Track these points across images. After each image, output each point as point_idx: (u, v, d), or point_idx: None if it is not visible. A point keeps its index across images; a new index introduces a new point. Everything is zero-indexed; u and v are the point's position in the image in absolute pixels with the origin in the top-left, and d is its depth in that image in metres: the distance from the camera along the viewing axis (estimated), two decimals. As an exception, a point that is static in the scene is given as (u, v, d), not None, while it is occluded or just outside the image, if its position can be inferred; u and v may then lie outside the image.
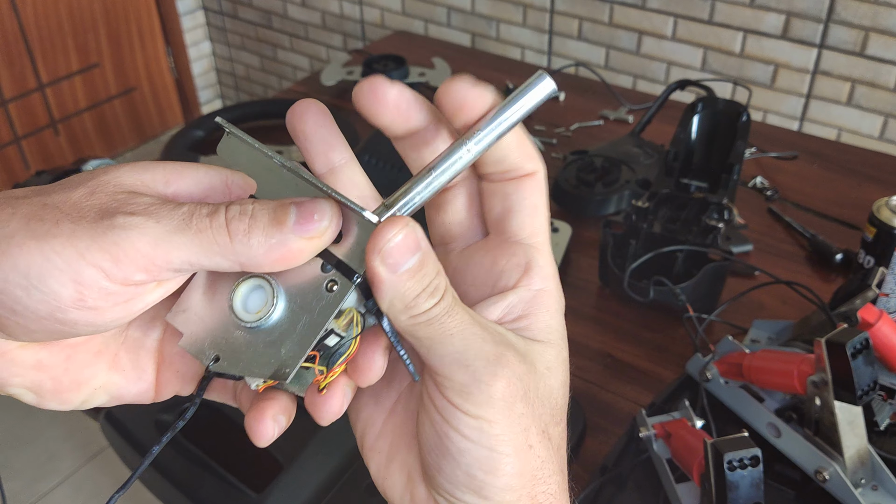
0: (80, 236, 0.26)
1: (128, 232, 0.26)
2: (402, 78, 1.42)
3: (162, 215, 0.27)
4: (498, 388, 0.28)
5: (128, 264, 0.26)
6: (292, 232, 0.27)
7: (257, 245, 0.27)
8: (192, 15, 2.70)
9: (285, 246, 0.27)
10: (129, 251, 0.26)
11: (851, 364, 0.59)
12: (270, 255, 0.27)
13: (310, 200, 0.27)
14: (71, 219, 0.27)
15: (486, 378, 0.28)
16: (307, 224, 0.27)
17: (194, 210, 0.27)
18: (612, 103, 1.38)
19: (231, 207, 0.27)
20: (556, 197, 1.10)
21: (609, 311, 0.92)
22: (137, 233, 0.26)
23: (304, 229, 0.27)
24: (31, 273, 0.26)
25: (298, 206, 0.27)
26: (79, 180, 0.28)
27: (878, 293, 0.73)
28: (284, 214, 0.27)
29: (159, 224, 0.26)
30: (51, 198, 0.27)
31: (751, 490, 0.57)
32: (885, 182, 1.15)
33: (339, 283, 0.27)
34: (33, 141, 2.46)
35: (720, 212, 0.90)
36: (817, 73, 1.59)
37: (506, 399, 0.28)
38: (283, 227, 0.27)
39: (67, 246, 0.26)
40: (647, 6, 1.73)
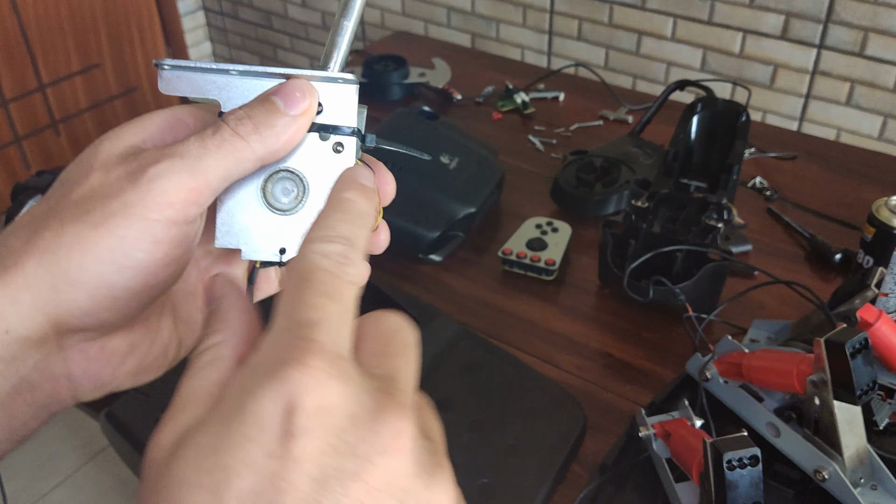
0: (132, 203, 0.28)
1: (167, 177, 0.28)
2: (402, 78, 1.42)
3: (180, 152, 0.29)
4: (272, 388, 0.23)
5: (181, 204, 0.28)
6: (287, 114, 0.30)
7: (268, 135, 0.30)
8: (193, 15, 2.70)
9: (290, 126, 0.30)
10: (178, 192, 0.28)
11: (851, 364, 0.59)
12: (281, 138, 0.30)
13: (282, 85, 0.31)
14: (112, 196, 0.28)
15: (285, 361, 0.23)
16: (295, 102, 0.30)
17: (201, 135, 0.29)
18: (611, 103, 1.39)
19: (228, 119, 0.30)
20: (555, 197, 1.10)
21: (609, 311, 0.93)
22: (174, 174, 0.28)
23: (296, 107, 0.30)
24: (115, 255, 0.28)
25: (278, 93, 0.30)
26: (82, 168, 0.30)
27: (877, 293, 0.73)
28: (272, 104, 0.30)
29: (184, 159, 0.29)
30: (76, 194, 0.29)
31: (750, 489, 0.57)
32: (884, 182, 1.15)
33: (343, 141, 0.32)
34: (34, 141, 2.46)
35: (720, 212, 0.91)
36: (817, 73, 1.59)
37: (265, 417, 0.22)
38: (278, 113, 0.30)
39: (128, 216, 0.28)
40: (646, 6, 1.73)
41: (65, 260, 0.28)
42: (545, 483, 0.71)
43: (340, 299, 0.25)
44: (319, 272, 0.26)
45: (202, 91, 0.31)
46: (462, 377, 0.80)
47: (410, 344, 0.27)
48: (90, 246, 0.28)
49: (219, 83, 0.31)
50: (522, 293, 0.95)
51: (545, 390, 0.79)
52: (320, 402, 0.22)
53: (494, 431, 0.75)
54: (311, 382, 0.22)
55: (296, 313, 0.24)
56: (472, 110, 1.38)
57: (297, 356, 0.23)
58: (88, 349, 0.30)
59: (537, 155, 1.25)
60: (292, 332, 0.24)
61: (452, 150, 1.06)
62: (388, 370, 0.25)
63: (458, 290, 0.96)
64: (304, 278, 0.26)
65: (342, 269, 0.26)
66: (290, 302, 0.25)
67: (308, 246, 0.27)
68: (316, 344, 0.23)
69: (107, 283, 0.28)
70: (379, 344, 0.27)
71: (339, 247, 0.27)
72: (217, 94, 0.31)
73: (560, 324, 0.91)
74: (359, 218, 0.29)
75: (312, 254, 0.26)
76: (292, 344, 0.23)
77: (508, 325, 0.91)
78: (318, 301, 0.25)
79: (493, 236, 1.06)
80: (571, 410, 0.77)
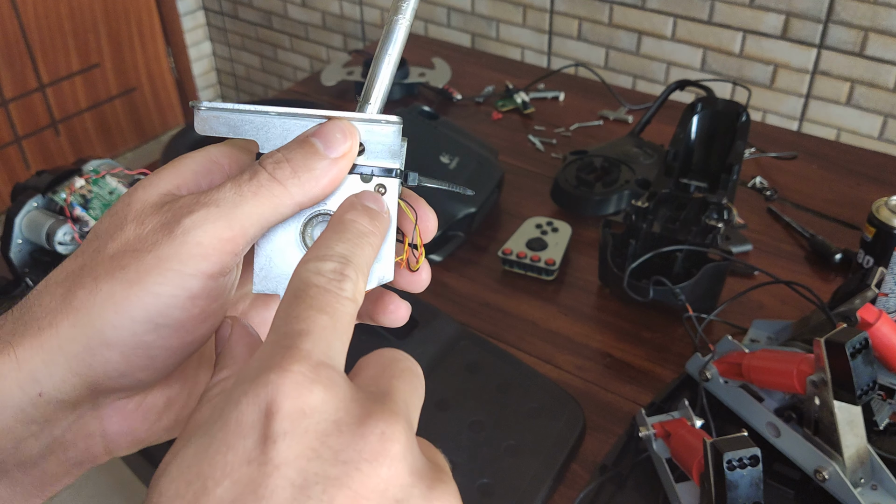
0: (167, 257, 0.27)
1: (202, 228, 0.27)
2: (402, 78, 1.42)
3: (216, 200, 0.28)
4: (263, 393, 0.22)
5: (218, 255, 0.28)
6: (327, 157, 0.29)
7: (307, 180, 0.29)
8: (193, 15, 2.70)
9: (329, 170, 0.29)
10: (213, 243, 0.27)
11: (851, 364, 0.59)
12: (321, 182, 0.29)
13: (322, 126, 0.30)
14: (146, 250, 0.27)
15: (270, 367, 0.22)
16: (336, 144, 0.29)
17: (238, 181, 0.28)
18: (611, 103, 1.39)
19: (266, 163, 0.29)
20: (555, 197, 1.10)
21: (609, 311, 0.93)
22: (210, 224, 0.27)
23: (336, 149, 0.29)
24: (151, 314, 0.27)
25: (317, 135, 0.29)
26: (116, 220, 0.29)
27: (877, 293, 0.73)
28: (312, 146, 0.29)
29: (220, 207, 0.28)
30: (109, 248, 0.28)
31: (750, 489, 0.57)
32: (884, 182, 1.15)
33: (386, 183, 0.31)
34: (34, 141, 2.46)
35: (720, 212, 0.91)
36: (817, 73, 1.59)
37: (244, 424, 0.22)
38: (318, 156, 0.29)
39: (164, 272, 0.27)
40: (646, 6, 1.73)
41: (99, 320, 0.27)
42: (545, 483, 0.71)
43: (332, 313, 0.24)
44: (311, 288, 0.25)
45: (239, 131, 0.30)
46: (462, 377, 0.80)
47: (413, 373, 0.26)
48: (125, 305, 0.27)
49: (256, 123, 0.30)
50: (522, 293, 0.95)
51: (545, 390, 0.79)
52: (301, 405, 0.21)
53: (494, 431, 0.75)
54: (291, 386, 0.21)
55: (284, 326, 0.24)
56: (472, 110, 1.38)
57: (278, 362, 0.22)
58: (124, 407, 0.30)
59: (537, 155, 1.25)
60: (279, 342, 0.23)
61: (452, 150, 1.06)
62: (383, 387, 0.24)
63: (458, 290, 0.96)
64: (296, 295, 0.25)
65: (336, 284, 0.25)
66: (281, 317, 0.24)
67: (303, 265, 0.26)
68: (300, 351, 0.22)
69: (142, 343, 0.27)
70: (377, 368, 0.26)
71: (333, 264, 0.26)
72: (254, 134, 0.30)
73: (560, 324, 0.91)
74: (358, 237, 0.28)
75: (306, 272, 0.26)
76: (277, 352, 0.23)
77: (508, 325, 0.91)
78: (307, 313, 0.24)
79: (493, 236, 1.06)
80: (571, 410, 0.77)
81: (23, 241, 0.90)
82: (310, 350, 0.23)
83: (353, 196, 0.30)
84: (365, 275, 0.27)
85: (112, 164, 0.94)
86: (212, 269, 0.27)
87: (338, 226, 0.28)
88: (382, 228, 0.29)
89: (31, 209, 0.90)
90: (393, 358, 0.26)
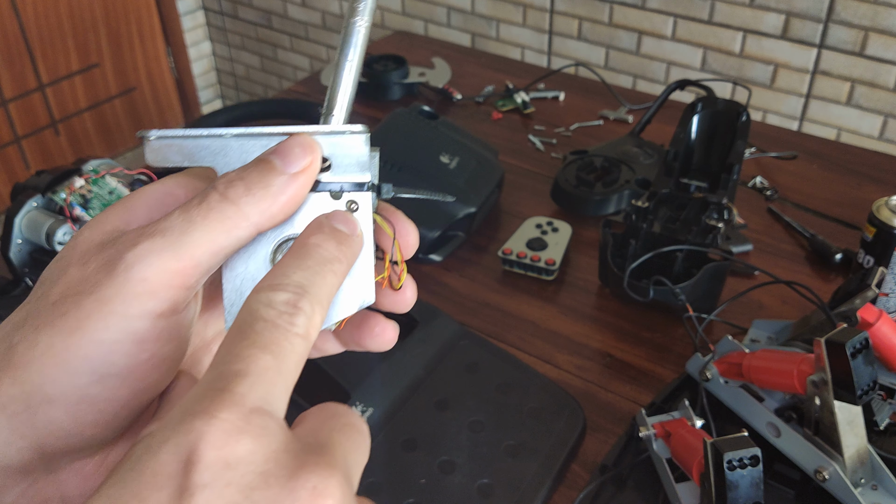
0: (108, 299, 0.24)
1: (145, 262, 0.25)
2: (402, 78, 1.42)
3: (161, 230, 0.25)
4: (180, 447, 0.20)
5: (166, 292, 0.25)
6: (285, 173, 0.26)
7: (262, 197, 0.26)
8: (193, 15, 2.70)
9: (288, 186, 0.26)
10: (160, 278, 0.25)
11: (851, 364, 0.59)
12: (278, 200, 0.26)
13: (280, 143, 0.27)
14: (87, 293, 0.25)
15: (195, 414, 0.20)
16: (294, 159, 0.27)
17: (186, 206, 0.26)
18: (611, 103, 1.39)
19: (217, 184, 0.26)
20: (555, 197, 1.10)
21: (609, 311, 0.93)
22: (154, 257, 0.25)
23: (295, 164, 0.27)
24: (94, 364, 0.24)
25: (274, 152, 0.27)
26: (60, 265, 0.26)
27: (877, 293, 0.73)
28: (268, 163, 0.27)
29: (165, 237, 0.25)
30: (52, 295, 0.25)
31: (750, 490, 0.57)
32: (884, 182, 1.15)
33: (358, 198, 0.29)
34: (33, 141, 2.46)
35: (720, 212, 0.90)
36: (817, 72, 1.59)
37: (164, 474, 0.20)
38: (275, 172, 0.26)
39: (105, 316, 0.24)
40: (647, 6, 1.73)
41: (38, 375, 0.24)
42: (545, 483, 0.71)
43: (277, 352, 0.22)
44: (258, 322, 0.23)
45: (195, 158, 0.28)
46: (462, 377, 0.80)
47: (356, 429, 0.24)
48: (64, 356, 0.24)
49: (213, 148, 0.28)
50: (522, 293, 0.95)
51: (545, 390, 0.79)
52: (225, 456, 0.20)
53: (494, 431, 0.75)
54: (216, 435, 0.20)
55: (221, 365, 0.22)
56: (472, 110, 1.38)
57: (206, 407, 0.20)
58: (82, 469, 0.26)
59: (537, 155, 1.25)
60: (212, 384, 0.21)
61: (452, 150, 1.06)
62: (321, 440, 0.22)
63: (458, 290, 0.96)
64: (239, 330, 0.23)
65: (287, 319, 0.23)
66: (221, 355, 0.22)
67: (253, 295, 0.24)
68: (233, 396, 0.20)
69: (87, 396, 0.24)
70: (317, 421, 0.23)
71: (286, 295, 0.24)
72: (212, 160, 0.28)
73: (560, 324, 0.91)
74: (320, 264, 0.25)
75: (255, 303, 0.23)
76: (207, 396, 0.21)
77: (508, 325, 0.91)
78: (249, 352, 0.22)
79: (493, 236, 1.05)
80: (571, 410, 0.77)
81: (22, 241, 0.90)
82: (244, 394, 0.21)
83: (322, 217, 0.28)
84: (324, 307, 0.25)
85: (112, 164, 0.94)
86: (160, 307, 0.25)
87: (299, 251, 0.26)
88: (351, 252, 0.27)
89: (31, 209, 0.90)
90: (335, 412, 0.24)
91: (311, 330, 0.24)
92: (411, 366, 0.79)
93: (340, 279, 0.26)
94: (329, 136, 0.28)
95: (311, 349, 0.24)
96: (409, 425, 0.75)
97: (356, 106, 0.31)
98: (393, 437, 0.73)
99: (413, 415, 0.76)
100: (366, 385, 0.76)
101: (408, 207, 0.31)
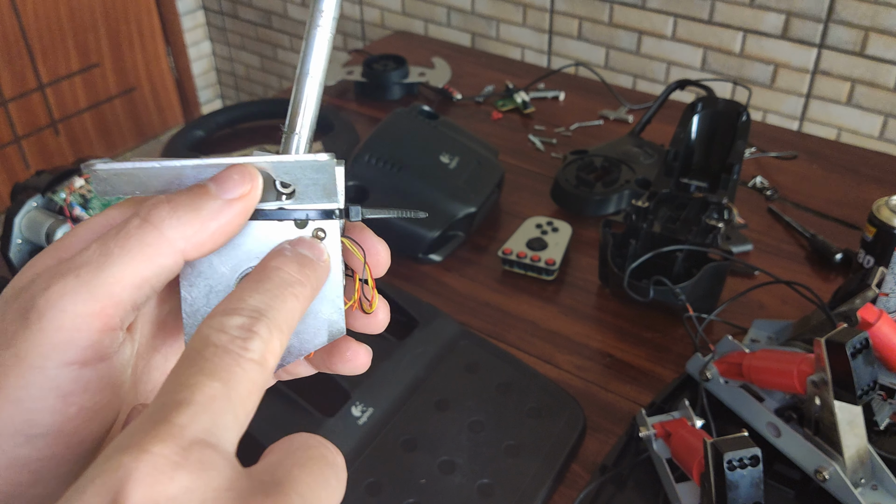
0: (24, 353, 0.22)
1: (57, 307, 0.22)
2: (402, 78, 1.42)
3: (75, 267, 0.23)
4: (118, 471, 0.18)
5: (86, 337, 0.23)
6: (219, 197, 0.25)
7: (189, 220, 0.24)
8: (192, 15, 2.70)
9: (221, 212, 0.24)
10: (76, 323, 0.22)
11: (851, 364, 0.59)
12: (208, 226, 0.24)
13: (222, 171, 0.25)
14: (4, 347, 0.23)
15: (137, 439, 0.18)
16: (231, 186, 0.25)
17: (104, 237, 0.24)
18: (611, 103, 1.38)
19: (140, 208, 0.24)
20: (555, 197, 1.10)
21: (609, 311, 0.93)
22: (67, 300, 0.22)
23: (231, 191, 0.25)
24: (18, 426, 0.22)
25: (212, 178, 0.25)
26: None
27: (877, 293, 0.73)
28: (202, 187, 0.25)
29: (80, 276, 0.23)
30: None
31: (751, 490, 0.57)
32: (885, 182, 1.15)
33: (324, 226, 0.27)
34: (33, 141, 2.46)
35: (720, 211, 0.90)
36: (817, 72, 1.59)
37: None
38: (207, 196, 0.24)
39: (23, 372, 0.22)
40: (647, 6, 1.73)
41: None
42: (545, 483, 0.71)
43: (227, 378, 0.20)
44: (208, 348, 0.21)
45: (148, 187, 0.26)
46: (462, 377, 0.80)
47: (326, 462, 0.22)
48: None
49: (166, 176, 0.26)
50: (522, 293, 0.95)
51: (545, 390, 0.79)
52: (155, 495, 0.18)
53: (494, 431, 0.75)
54: (146, 471, 0.18)
55: (165, 395, 0.20)
56: (472, 110, 1.38)
57: (138, 440, 0.18)
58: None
59: (537, 155, 1.24)
60: (151, 416, 0.19)
61: (452, 149, 1.06)
62: (278, 477, 0.20)
63: (458, 290, 0.96)
64: (188, 357, 0.21)
65: (240, 344, 0.21)
66: (165, 385, 0.20)
67: (206, 321, 0.22)
68: (171, 427, 0.19)
69: (18, 459, 0.22)
70: (280, 454, 0.21)
71: (241, 319, 0.22)
72: (166, 188, 0.26)
73: (560, 324, 0.91)
74: (280, 287, 0.24)
75: (207, 328, 0.22)
76: (142, 429, 0.19)
77: (508, 325, 0.91)
78: (195, 380, 0.20)
79: (493, 236, 1.05)
80: (571, 410, 0.77)
81: (22, 241, 0.90)
82: (184, 425, 0.19)
83: (285, 242, 0.26)
84: (283, 332, 0.23)
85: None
86: (82, 356, 0.22)
87: (259, 274, 0.24)
88: (316, 277, 0.26)
89: (31, 209, 0.90)
90: (303, 444, 0.22)
91: (267, 355, 0.22)
92: (411, 366, 0.79)
93: (303, 303, 0.24)
94: (291, 164, 0.26)
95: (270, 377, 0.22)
96: (409, 425, 0.75)
97: (357, 106, 0.30)
98: (393, 437, 0.73)
99: (413, 415, 0.75)
100: (366, 385, 0.76)
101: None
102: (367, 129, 1.26)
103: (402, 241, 0.99)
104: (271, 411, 0.72)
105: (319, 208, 0.27)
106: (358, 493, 0.69)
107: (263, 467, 0.21)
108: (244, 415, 0.21)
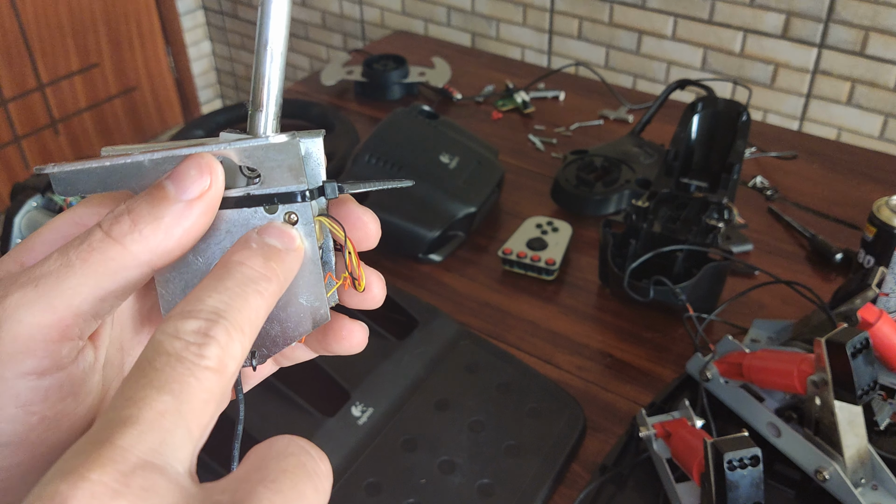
0: None
1: (15, 318, 0.22)
2: (402, 77, 1.42)
3: (35, 277, 0.22)
4: None
5: (43, 348, 0.22)
6: (180, 199, 0.24)
7: (152, 233, 0.23)
8: (192, 15, 2.70)
9: (184, 215, 0.24)
10: (33, 334, 0.22)
11: (851, 364, 0.59)
12: (172, 233, 0.24)
13: (178, 165, 0.25)
14: None
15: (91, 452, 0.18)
16: (188, 184, 0.24)
17: (65, 248, 0.23)
18: (612, 103, 1.38)
19: (104, 220, 0.24)
20: (556, 196, 1.10)
21: (609, 311, 0.92)
22: (25, 311, 0.22)
23: (189, 190, 0.24)
24: None
25: (170, 176, 0.24)
26: None
27: (878, 293, 0.73)
28: (161, 190, 0.24)
29: (38, 287, 0.22)
30: None
31: (751, 490, 0.57)
32: (885, 182, 1.15)
33: (296, 208, 0.26)
34: (33, 140, 2.46)
35: (720, 211, 0.90)
36: (817, 72, 1.59)
37: None
38: (167, 201, 0.24)
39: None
40: (647, 6, 1.73)
41: None
42: (545, 483, 0.71)
43: (179, 391, 0.19)
44: (159, 357, 0.20)
45: (108, 184, 0.25)
46: (462, 377, 0.80)
47: (305, 472, 0.20)
48: None
49: (125, 171, 0.25)
50: (522, 293, 0.95)
51: (545, 390, 0.79)
52: None
53: (494, 431, 0.75)
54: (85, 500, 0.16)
55: (112, 412, 0.18)
56: (472, 110, 1.38)
57: (76, 465, 0.17)
58: None
59: (537, 154, 1.24)
60: (93, 436, 0.18)
61: (452, 149, 1.06)
62: (240, 496, 0.18)
63: (458, 290, 0.96)
64: (139, 367, 0.20)
65: (194, 350, 0.20)
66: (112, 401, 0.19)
67: (160, 326, 0.21)
68: (113, 450, 0.17)
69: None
70: (252, 465, 0.20)
71: (197, 323, 0.20)
72: (127, 183, 0.25)
73: (560, 324, 0.91)
74: (242, 285, 0.22)
75: (160, 334, 0.20)
76: (85, 450, 0.17)
77: (508, 325, 0.91)
78: (143, 394, 0.19)
79: (493, 236, 1.05)
80: (571, 410, 0.77)
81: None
82: (127, 447, 0.18)
83: (251, 231, 0.25)
84: (246, 333, 0.22)
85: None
86: (40, 365, 0.22)
87: (219, 272, 0.23)
88: (285, 269, 0.24)
89: (31, 209, 0.90)
90: (280, 452, 0.20)
91: (226, 361, 0.20)
92: (411, 366, 0.79)
93: (269, 300, 0.23)
94: (251, 148, 0.25)
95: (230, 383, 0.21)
96: (409, 425, 0.75)
97: (357, 106, 0.29)
98: (393, 437, 0.73)
99: (413, 415, 0.75)
100: (366, 385, 0.76)
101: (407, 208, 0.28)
102: (367, 128, 1.26)
103: (403, 241, 0.99)
104: (271, 411, 0.72)
105: (287, 191, 0.26)
106: (358, 493, 0.69)
107: (225, 484, 0.19)
108: (199, 428, 0.19)
